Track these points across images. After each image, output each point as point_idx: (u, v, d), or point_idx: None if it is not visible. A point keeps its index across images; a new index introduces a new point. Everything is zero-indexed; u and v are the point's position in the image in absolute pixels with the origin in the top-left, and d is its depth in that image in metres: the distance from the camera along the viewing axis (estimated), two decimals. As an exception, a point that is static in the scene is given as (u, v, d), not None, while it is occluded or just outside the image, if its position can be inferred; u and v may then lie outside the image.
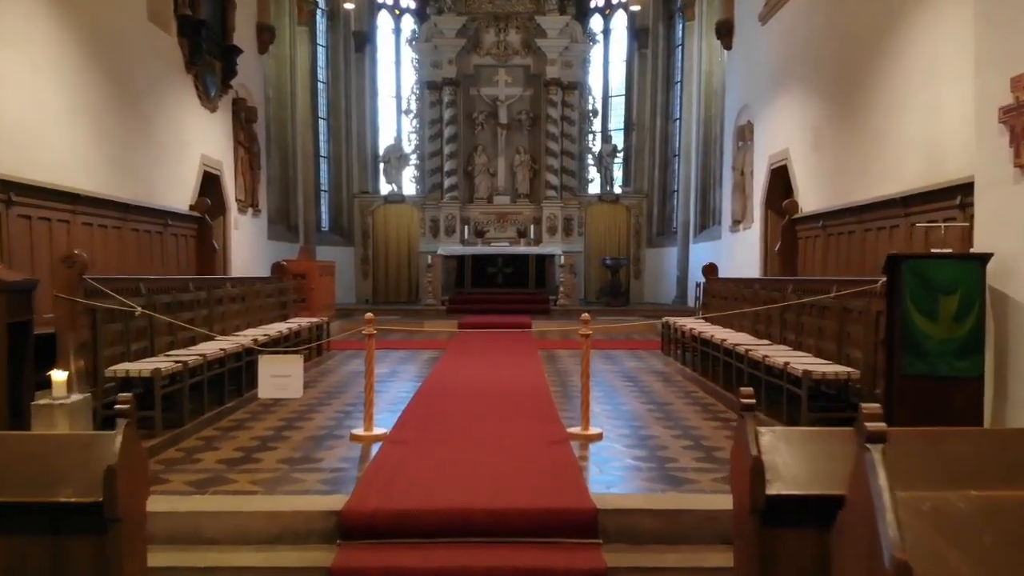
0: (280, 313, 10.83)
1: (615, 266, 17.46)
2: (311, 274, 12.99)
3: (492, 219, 19.18)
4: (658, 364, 10.04)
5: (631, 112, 20.00)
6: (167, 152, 10.80)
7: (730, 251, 14.30)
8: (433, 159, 19.17)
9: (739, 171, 13.91)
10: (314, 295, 12.99)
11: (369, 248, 19.42)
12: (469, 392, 7.84)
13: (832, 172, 10.10)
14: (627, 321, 14.81)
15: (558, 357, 10.71)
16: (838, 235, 9.78)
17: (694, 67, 17.11)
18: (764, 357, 6.73)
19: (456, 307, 16.99)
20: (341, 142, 19.30)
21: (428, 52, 18.99)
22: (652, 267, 19.35)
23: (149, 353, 6.86)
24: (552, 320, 15.20)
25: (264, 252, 14.42)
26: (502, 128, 19.10)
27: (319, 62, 18.99)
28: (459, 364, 9.94)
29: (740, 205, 13.83)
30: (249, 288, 9.65)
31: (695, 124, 17.04)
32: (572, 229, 19.15)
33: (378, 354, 11.07)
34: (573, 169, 19.20)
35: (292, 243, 16.72)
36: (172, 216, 10.53)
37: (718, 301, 10.36)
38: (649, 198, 19.56)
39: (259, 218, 14.37)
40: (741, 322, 9.08)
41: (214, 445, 5.69)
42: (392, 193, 19.47)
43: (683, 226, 17.38)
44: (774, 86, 12.31)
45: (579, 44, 18.99)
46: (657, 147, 19.47)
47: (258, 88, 14.65)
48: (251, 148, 13.92)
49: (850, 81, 9.63)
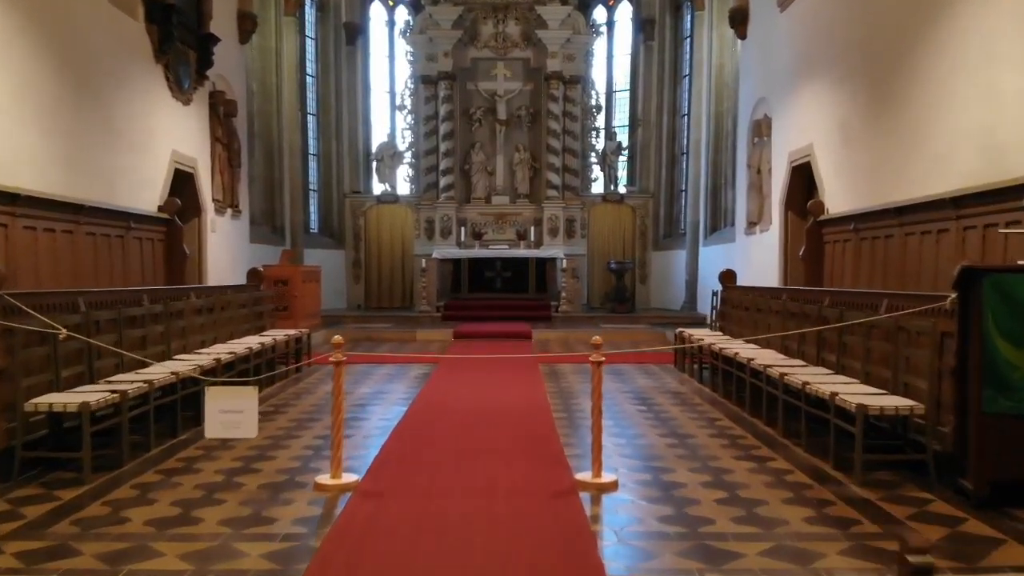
0: (256, 325, 9.86)
1: (620, 270, 16.48)
2: (293, 280, 12.02)
3: (490, 220, 18.21)
4: (672, 382, 9.07)
5: (636, 108, 19.03)
6: (132, 148, 9.82)
7: (745, 255, 13.33)
8: (428, 157, 18.20)
9: (755, 169, 12.94)
10: (297, 303, 12.02)
11: (361, 251, 18.45)
12: (460, 421, 6.87)
13: (864, 169, 9.12)
14: (634, 329, 13.85)
15: (561, 374, 9.74)
16: (872, 239, 8.80)
17: (704, 59, 16.14)
18: (805, 384, 5.76)
19: (452, 314, 16.02)
20: (331, 139, 18.32)
21: (423, 44, 18.02)
22: (659, 271, 18.38)
23: (87, 380, 5.89)
24: (554, 329, 14.23)
25: (245, 256, 13.44)
26: (501, 125, 18.14)
27: (308, 55, 18.02)
28: (451, 383, 8.97)
29: (756, 206, 12.86)
30: (218, 298, 8.68)
31: (705, 120, 16.07)
32: (574, 231, 18.18)
33: (363, 370, 10.16)
34: (575, 168, 18.24)
35: (278, 246, 15.73)
36: (136, 218, 9.56)
37: (738, 312, 9.39)
38: (655, 198, 18.59)
39: (240, 219, 13.40)
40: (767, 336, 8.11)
41: (149, 496, 4.71)
42: (385, 193, 18.50)
43: (692, 228, 16.41)
44: (795, 77, 11.34)
45: (582, 36, 18.02)
46: (664, 144, 18.49)
47: (239, 80, 13.68)
48: (230, 144, 12.95)
49: (884, 69, 8.66)
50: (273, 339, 8.89)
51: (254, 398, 4.88)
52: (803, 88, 11.03)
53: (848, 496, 4.69)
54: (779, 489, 4.81)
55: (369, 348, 12.43)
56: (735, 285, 10.10)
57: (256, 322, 9.85)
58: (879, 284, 8.49)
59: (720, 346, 8.10)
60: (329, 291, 17.49)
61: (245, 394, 4.88)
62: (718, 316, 10.11)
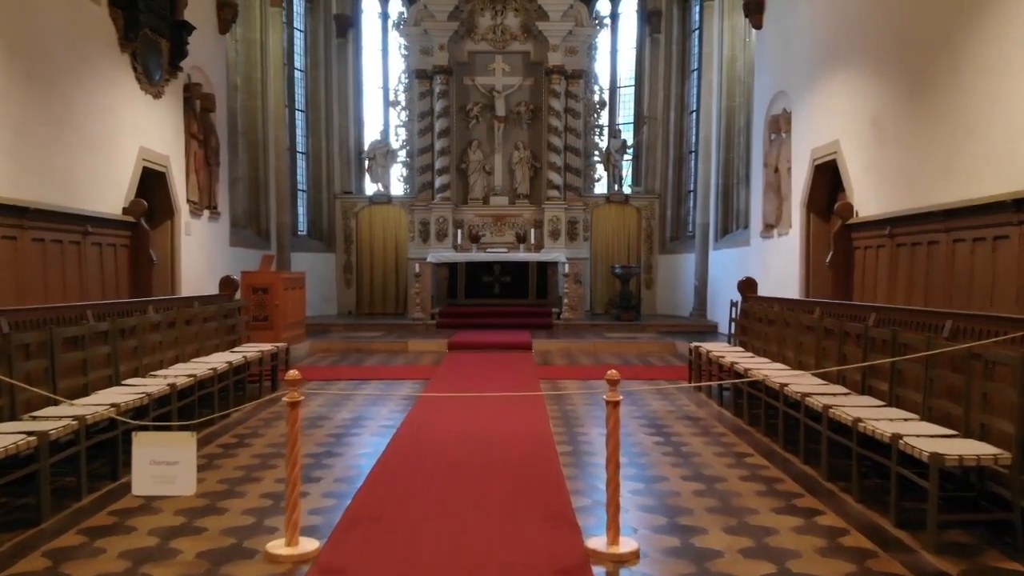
0: (228, 339, 8.95)
1: (626, 275, 15.56)
2: (274, 288, 11.11)
3: (488, 222, 17.30)
4: (690, 405, 8.15)
5: (642, 104, 18.12)
6: (93, 145, 8.92)
7: (762, 260, 12.42)
8: (423, 156, 17.28)
9: (772, 168, 12.03)
10: (278, 312, 11.11)
11: (352, 254, 17.54)
12: (449, 460, 5.93)
13: (901, 168, 8.21)
14: (641, 339, 12.95)
15: (564, 393, 8.83)
16: (912, 246, 7.89)
17: (714, 52, 15.23)
18: (857, 421, 4.85)
19: (447, 321, 15.12)
20: (321, 137, 17.41)
21: (417, 37, 17.11)
22: (666, 275, 17.46)
23: (6, 416, 4.98)
24: (556, 338, 13.32)
25: (225, 261, 12.53)
26: (499, 121, 17.23)
27: (296, 48, 17.12)
28: (441, 407, 8.04)
29: (774, 207, 11.95)
30: (180, 312, 7.77)
31: (715, 116, 15.16)
32: (577, 233, 17.27)
33: (347, 388, 9.25)
34: (578, 167, 17.33)
35: (262, 250, 14.81)
36: (95, 222, 8.64)
37: (761, 326, 8.47)
38: (662, 199, 17.68)
39: (218, 222, 12.48)
40: (798, 356, 7.19)
41: (61, 571, 3.80)
42: (378, 193, 17.59)
43: (701, 230, 15.50)
44: (818, 69, 10.43)
45: (584, 28, 17.10)
46: (671, 142, 17.58)
47: (218, 73, 12.77)
48: (208, 141, 12.04)
49: (924, 56, 7.76)
50: (244, 357, 7.97)
51: (191, 446, 3.96)
52: (828, 80, 10.13)
53: (922, 569, 3.78)
54: (837, 559, 3.91)
55: (357, 360, 11.51)
56: (757, 295, 9.18)
57: (228, 336, 8.93)
58: (920, 297, 7.58)
59: (745, 366, 7.18)
60: (318, 297, 16.62)
61: (181, 441, 3.97)
62: (737, 329, 9.20)
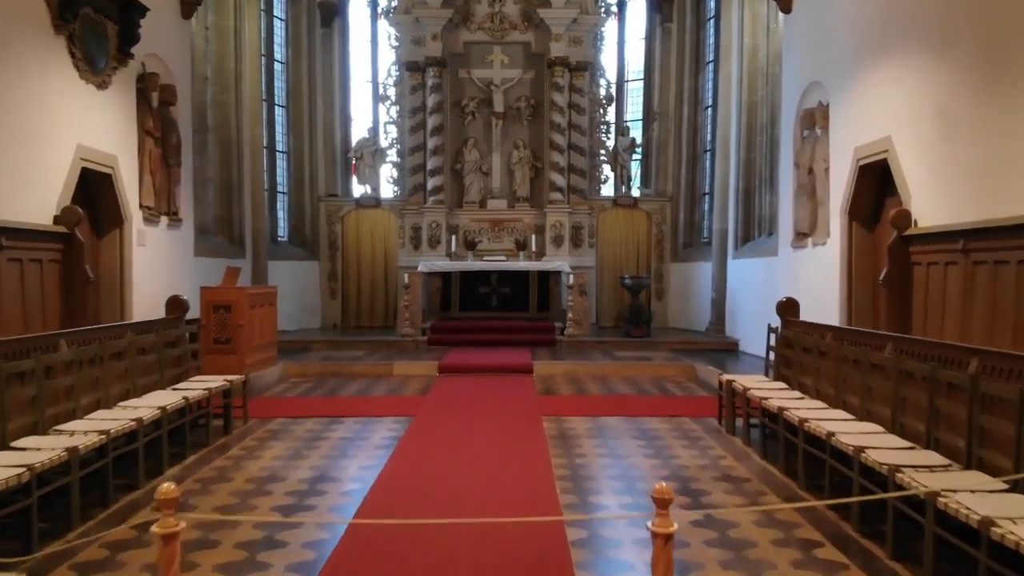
0: (174, 372, 7.56)
1: (636, 287, 14.15)
2: (238, 305, 9.72)
3: (485, 227, 15.91)
4: (722, 454, 6.75)
5: (652, 99, 16.72)
6: (14, 140, 7.52)
7: (792, 273, 11.02)
8: (414, 155, 15.89)
9: (805, 168, 10.63)
10: (242, 334, 9.72)
11: (337, 262, 16.15)
12: (429, 544, 4.54)
13: (978, 169, 6.82)
14: (655, 361, 11.57)
15: (570, 432, 7.43)
16: (995, 264, 6.49)
17: (733, 41, 13.83)
18: (988, 524, 3.45)
19: (439, 337, 13.72)
20: (303, 134, 16.01)
21: (408, 26, 15.71)
22: (678, 285, 16.07)
23: None
24: (559, 359, 11.92)
25: (189, 274, 11.14)
26: (497, 118, 15.84)
27: (276, 38, 15.73)
28: (425, 456, 6.65)
29: (807, 213, 10.56)
30: (105, 345, 6.37)
31: (735, 112, 13.76)
32: (581, 239, 15.87)
33: (316, 429, 7.72)
34: (583, 167, 15.94)
35: (236, 259, 13.42)
36: (13, 233, 7.25)
37: (809, 359, 7.06)
38: (674, 202, 16.28)
39: (180, 229, 11.09)
40: (866, 404, 5.80)
41: None
42: (365, 196, 16.21)
43: (719, 237, 14.09)
44: (863, 55, 9.05)
45: (590, 16, 15.71)
46: (684, 140, 16.18)
47: (181, 62, 11.37)
48: (167, 138, 10.65)
49: (1006, 35, 6.38)
50: (184, 398, 6.56)
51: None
52: (876, 68, 8.73)
53: None
54: None
55: (334, 388, 10.12)
56: (800, 320, 7.77)
57: (173, 369, 7.53)
58: (1009, 329, 6.18)
59: (799, 415, 5.78)
60: (300, 309, 15.27)
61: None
62: (777, 360, 7.79)
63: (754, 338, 12.61)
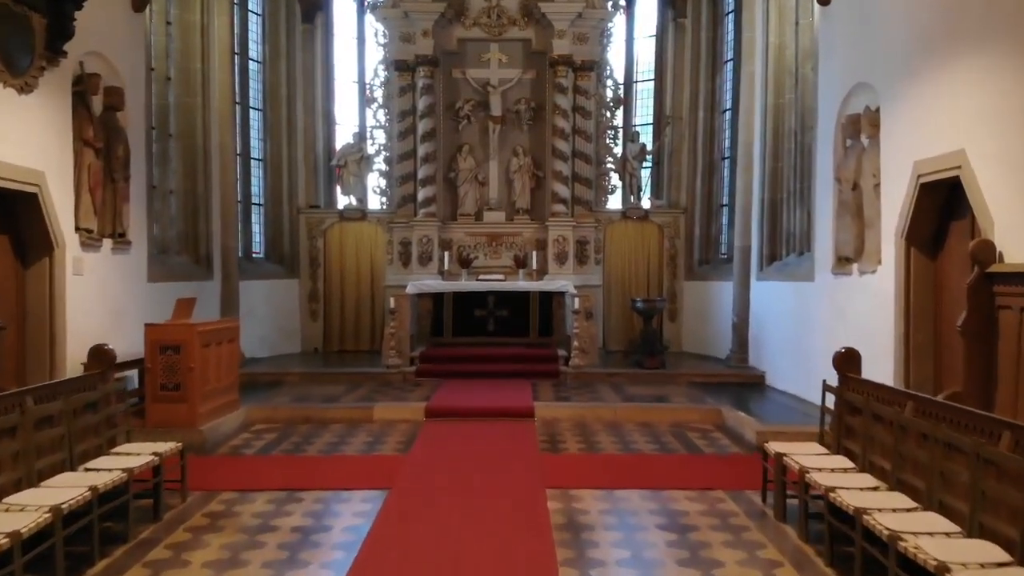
0: (95, 443, 6.13)
1: (649, 311, 12.70)
2: (189, 345, 8.27)
3: (481, 242, 14.50)
4: (776, 557, 5.31)
5: (663, 102, 15.30)
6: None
7: (832, 304, 9.61)
8: (403, 163, 14.48)
9: (848, 183, 9.22)
10: (194, 379, 8.28)
11: (319, 280, 14.74)
12: None
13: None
14: (674, 402, 10.16)
15: (581, 519, 6.00)
16: None
17: (756, 38, 12.41)
18: None
19: (430, 368, 12.31)
20: (281, 140, 14.57)
21: (397, 22, 14.29)
22: (693, 306, 14.66)
23: None
24: (564, 397, 10.49)
25: (141, 305, 9.73)
26: (495, 122, 14.43)
27: (252, 35, 14.30)
28: (396, 562, 5.23)
29: (852, 235, 9.14)
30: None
31: (758, 116, 12.34)
32: (587, 256, 14.47)
33: (267, 511, 6.02)
34: (588, 176, 14.52)
35: (203, 281, 12.02)
36: None
37: (881, 432, 5.62)
38: (688, 214, 14.87)
39: (128, 253, 9.66)
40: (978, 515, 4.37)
41: None
42: (350, 207, 14.80)
43: (741, 255, 12.65)
44: (926, 51, 7.63)
45: (596, 11, 14.29)
46: (700, 147, 14.76)
47: (132, 61, 9.96)
48: (112, 149, 9.24)
49: None
50: (92, 489, 5.12)
51: None
52: (943, 67, 7.31)
53: None
54: None
55: (303, 440, 8.69)
56: (865, 380, 6.33)
57: (92, 440, 6.10)
58: None
59: (883, 521, 4.36)
60: (276, 333, 13.89)
61: None
62: (837, 426, 6.35)
63: (782, 371, 11.23)
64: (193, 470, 6.75)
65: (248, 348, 12.88)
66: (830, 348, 9.58)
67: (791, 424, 8.69)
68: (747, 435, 8.64)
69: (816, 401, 6.89)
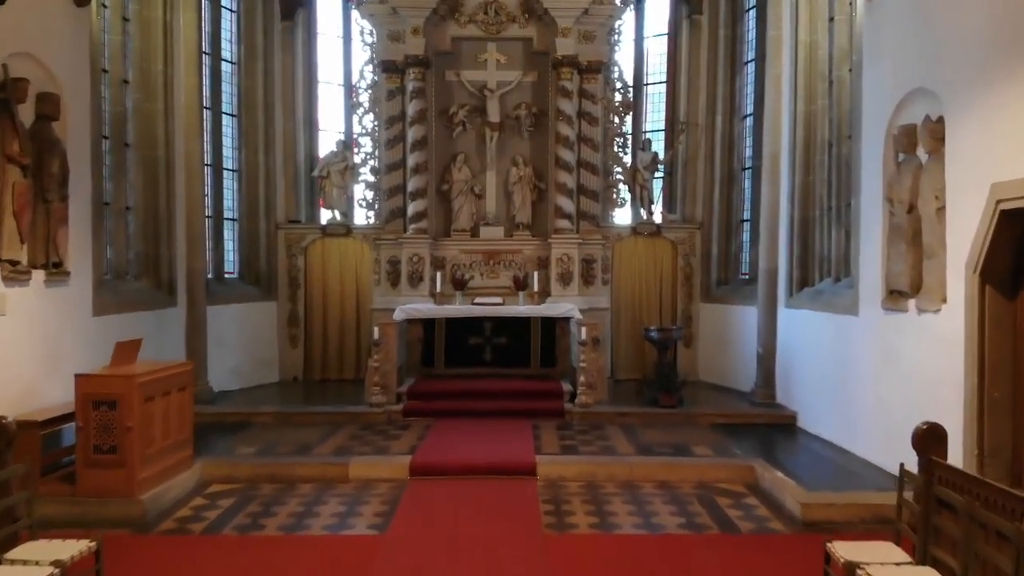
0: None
1: (664, 341, 11.37)
2: (126, 400, 6.97)
3: (477, 261, 13.20)
4: None
5: (676, 106, 13.99)
6: None
7: (881, 344, 8.29)
8: (392, 174, 13.18)
9: (903, 204, 7.91)
10: (134, 440, 6.99)
11: (299, 302, 13.44)
12: None
13: None
14: (696, 452, 8.86)
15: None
16: None
17: (784, 36, 11.10)
18: None
19: (419, 406, 11.01)
20: (257, 149, 13.25)
21: (384, 18, 12.98)
22: (711, 330, 13.34)
23: None
24: (571, 449, 9.15)
25: (83, 345, 8.44)
26: (492, 129, 13.12)
27: (224, 33, 12.98)
28: None
29: (907, 265, 7.83)
30: None
31: (787, 123, 11.04)
32: (594, 275, 13.16)
33: None
34: (595, 188, 13.22)
35: (165, 309, 10.74)
36: None
37: (985, 547, 4.32)
38: (705, 230, 13.56)
39: (66, 285, 8.35)
40: None
41: None
42: (333, 222, 13.50)
43: (766, 278, 11.33)
44: (1008, 54, 6.35)
45: (604, 7, 12.98)
46: (717, 156, 13.44)
47: (74, 62, 8.66)
48: (45, 165, 7.94)
49: None
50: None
51: None
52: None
53: None
54: None
55: (264, 508, 7.38)
56: (958, 470, 5.03)
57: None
58: None
59: None
60: (250, 362, 12.61)
61: None
62: (920, 526, 5.05)
63: (818, 413, 9.94)
64: (120, 561, 5.45)
65: (218, 381, 11.62)
66: (878, 396, 8.33)
67: (840, 491, 7.40)
68: (787, 503, 7.34)
69: (861, 454, 5.66)
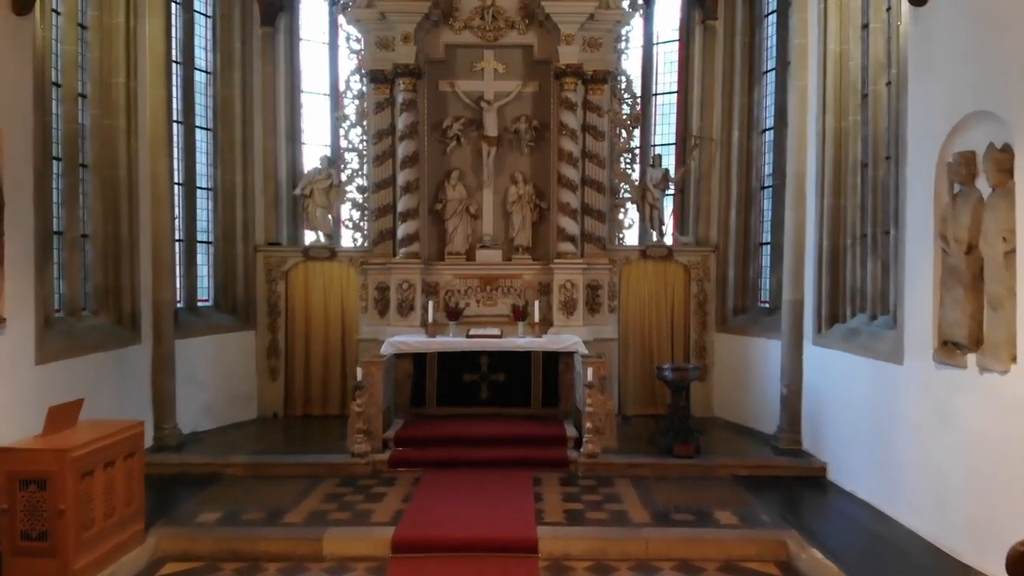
0: None
1: (679, 382, 10.28)
2: (57, 478, 5.93)
3: (473, 287, 12.18)
4: None
5: (689, 120, 12.95)
6: None
7: (930, 400, 7.24)
8: (380, 192, 12.15)
9: (960, 244, 6.87)
10: (67, 525, 5.94)
11: (279, 331, 12.41)
12: None
13: None
14: (718, 518, 7.82)
15: None
16: None
17: (811, 45, 10.05)
18: None
19: (406, 454, 9.96)
20: (235, 166, 12.20)
21: (371, 24, 11.95)
22: (727, 363, 12.31)
23: None
24: (578, 518, 8.05)
25: (24, 398, 7.39)
26: (490, 144, 12.11)
27: (198, 40, 11.94)
28: None
29: (965, 314, 6.79)
30: None
31: (814, 141, 9.99)
32: (600, 303, 12.14)
33: None
34: (601, 208, 12.18)
35: (127, 347, 9.71)
36: None
37: None
38: (720, 253, 12.52)
39: (3, 333, 7.30)
40: None
41: None
42: (317, 244, 12.49)
43: (791, 309, 10.26)
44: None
45: (611, 12, 11.95)
46: (734, 174, 12.39)
47: (11, 77, 7.61)
48: (-29, 198, 6.91)
49: None
50: None
51: None
52: None
53: None
54: None
55: (224, 596, 6.36)
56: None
57: None
58: None
59: None
60: (226, 399, 11.59)
61: None
62: None
63: (852, 467, 8.91)
64: None
65: (187, 422, 10.61)
66: (928, 459, 7.30)
67: (893, 582, 6.37)
68: (827, 589, 6.31)
69: (907, 523, 4.87)
